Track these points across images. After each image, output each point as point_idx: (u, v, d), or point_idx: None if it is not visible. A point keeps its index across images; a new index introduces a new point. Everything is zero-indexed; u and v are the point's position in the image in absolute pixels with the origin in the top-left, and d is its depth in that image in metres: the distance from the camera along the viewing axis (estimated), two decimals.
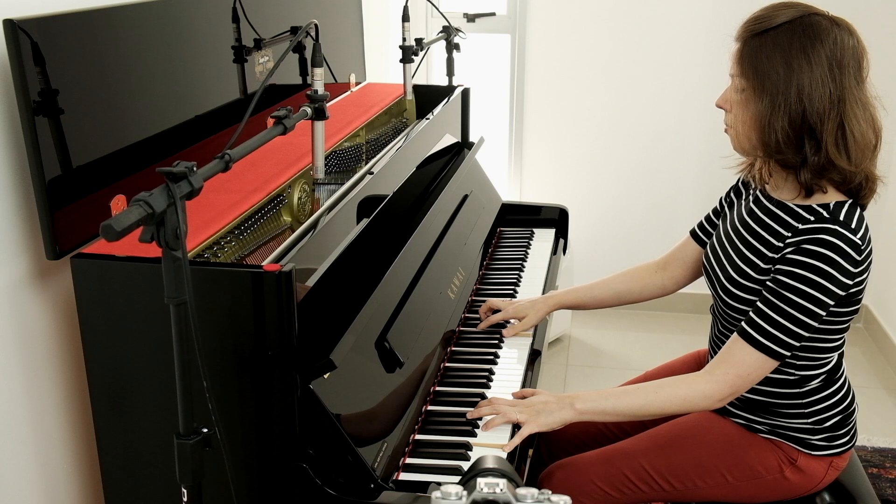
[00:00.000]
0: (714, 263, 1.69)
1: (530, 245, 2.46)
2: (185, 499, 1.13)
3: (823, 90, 1.44)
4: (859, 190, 1.51)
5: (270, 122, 1.32)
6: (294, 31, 2.06)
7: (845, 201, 1.51)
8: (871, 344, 3.59)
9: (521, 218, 2.61)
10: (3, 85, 1.31)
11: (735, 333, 1.55)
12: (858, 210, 1.51)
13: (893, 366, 3.39)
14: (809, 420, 1.62)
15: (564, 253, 2.56)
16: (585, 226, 3.83)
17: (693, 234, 1.89)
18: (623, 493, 1.69)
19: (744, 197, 1.72)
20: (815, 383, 1.61)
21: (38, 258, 1.41)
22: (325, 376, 1.35)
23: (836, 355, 1.63)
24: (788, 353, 1.52)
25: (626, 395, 1.60)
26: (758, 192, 1.65)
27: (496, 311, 1.98)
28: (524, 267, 2.32)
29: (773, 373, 1.60)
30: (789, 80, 1.45)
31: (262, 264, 1.27)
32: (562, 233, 2.57)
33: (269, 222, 1.57)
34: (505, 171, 3.87)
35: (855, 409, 1.68)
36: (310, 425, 1.32)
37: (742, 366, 1.52)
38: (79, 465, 1.57)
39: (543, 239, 2.51)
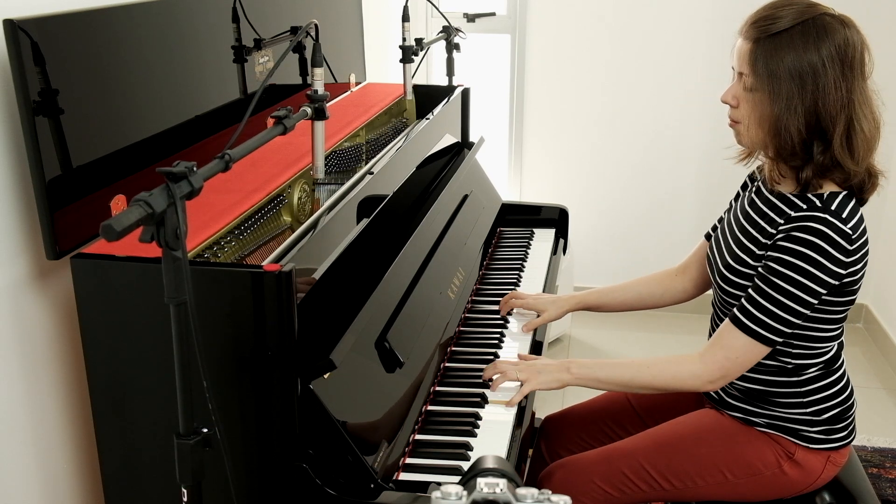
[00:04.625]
0: (715, 251, 1.72)
1: (530, 245, 2.46)
2: (185, 499, 1.13)
3: (836, 94, 1.47)
4: (861, 186, 1.54)
5: (270, 122, 1.32)
6: (294, 31, 2.06)
7: (840, 192, 1.53)
8: (871, 344, 3.58)
9: (521, 218, 2.61)
10: (3, 85, 1.31)
11: (727, 319, 1.57)
12: (854, 202, 1.53)
13: (893, 366, 3.39)
14: (807, 410, 1.63)
15: (564, 253, 2.56)
16: (585, 226, 3.83)
17: (707, 236, 1.90)
18: (623, 493, 1.69)
19: (749, 189, 1.74)
20: (812, 372, 1.62)
21: (38, 258, 1.41)
22: (325, 376, 1.35)
23: (834, 346, 1.64)
24: (779, 339, 1.54)
25: (620, 366, 1.65)
26: (759, 183, 1.68)
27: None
28: (524, 267, 2.31)
29: (769, 361, 1.62)
30: (804, 85, 1.47)
31: (262, 264, 1.27)
32: (562, 233, 2.57)
33: (269, 222, 1.57)
34: (505, 171, 3.87)
35: (853, 404, 1.69)
36: (310, 425, 1.32)
37: (731, 349, 1.55)
38: (79, 465, 1.57)
39: (543, 239, 2.51)
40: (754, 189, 1.70)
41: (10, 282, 1.37)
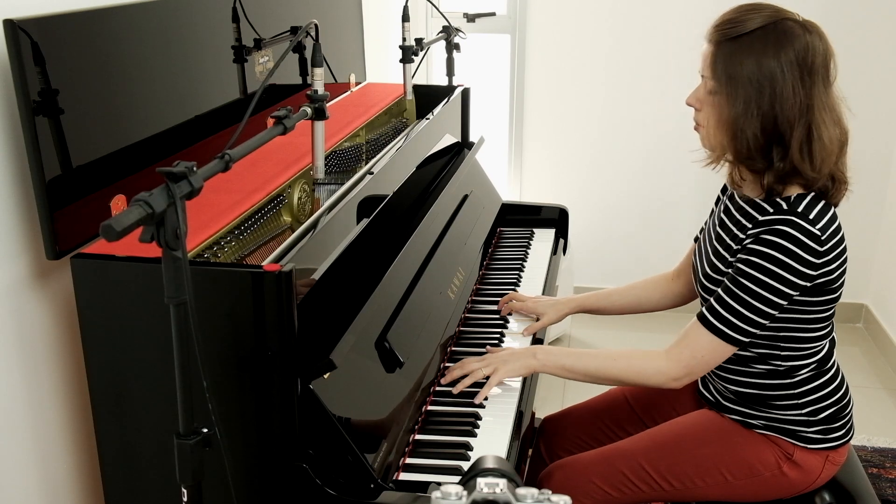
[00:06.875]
0: (697, 259, 1.74)
1: (530, 245, 2.46)
2: (185, 499, 1.13)
3: (794, 99, 1.47)
4: (825, 191, 1.53)
5: (270, 122, 1.32)
6: (294, 31, 2.06)
7: (807, 193, 1.53)
8: (871, 344, 3.59)
9: (521, 218, 2.61)
10: (3, 85, 1.31)
11: (695, 316, 1.59)
12: (822, 203, 1.53)
13: (893, 366, 3.39)
14: (803, 411, 1.63)
15: (564, 253, 2.56)
16: (585, 226, 3.83)
17: (696, 239, 1.91)
18: (623, 493, 1.69)
19: (726, 195, 1.76)
20: (804, 373, 1.62)
21: (38, 258, 1.41)
22: (325, 376, 1.35)
23: (824, 346, 1.64)
24: (746, 339, 1.55)
25: (587, 356, 1.66)
26: (733, 190, 1.69)
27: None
28: (524, 267, 2.32)
29: (760, 365, 1.62)
30: (762, 89, 1.48)
31: (262, 264, 1.27)
32: (562, 233, 2.57)
33: (269, 222, 1.57)
34: (505, 171, 3.87)
35: (849, 402, 1.69)
36: (310, 425, 1.32)
37: (697, 348, 1.56)
38: (79, 465, 1.57)
39: (543, 239, 2.51)
40: (728, 196, 1.71)
41: (10, 282, 1.37)
